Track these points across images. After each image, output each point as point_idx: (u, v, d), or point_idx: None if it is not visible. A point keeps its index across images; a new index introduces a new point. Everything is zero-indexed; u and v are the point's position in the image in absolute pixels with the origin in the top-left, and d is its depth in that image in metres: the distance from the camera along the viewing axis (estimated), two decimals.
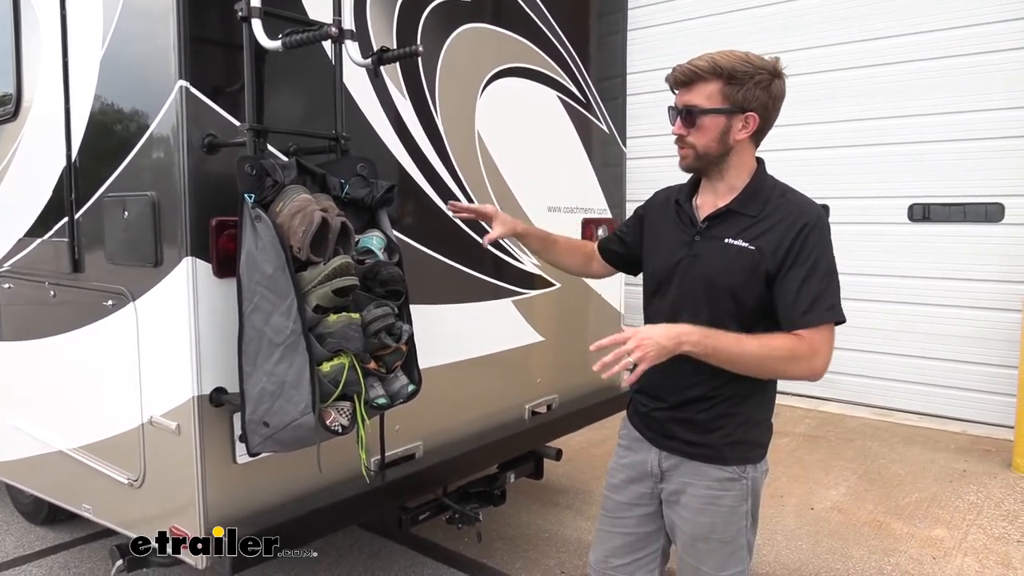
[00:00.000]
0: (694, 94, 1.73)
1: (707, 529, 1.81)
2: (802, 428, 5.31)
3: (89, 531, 3.52)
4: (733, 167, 1.78)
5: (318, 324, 2.00)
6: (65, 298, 2.61)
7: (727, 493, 1.79)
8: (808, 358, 1.65)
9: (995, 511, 3.89)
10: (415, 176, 2.74)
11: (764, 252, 1.68)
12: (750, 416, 1.80)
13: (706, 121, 1.72)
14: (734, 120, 1.72)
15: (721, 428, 1.78)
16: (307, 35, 2.04)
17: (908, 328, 5.61)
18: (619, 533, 1.97)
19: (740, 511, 1.80)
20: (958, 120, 5.33)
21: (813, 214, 1.71)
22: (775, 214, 1.72)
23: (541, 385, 3.38)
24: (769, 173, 1.82)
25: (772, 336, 1.66)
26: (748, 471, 1.80)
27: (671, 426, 1.85)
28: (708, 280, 1.74)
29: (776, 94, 1.73)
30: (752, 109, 1.71)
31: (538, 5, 3.25)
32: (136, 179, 2.24)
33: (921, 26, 5.41)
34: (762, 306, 1.71)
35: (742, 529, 1.81)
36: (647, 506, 1.93)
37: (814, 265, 1.66)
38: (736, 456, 1.79)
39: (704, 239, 1.78)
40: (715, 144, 1.74)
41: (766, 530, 3.64)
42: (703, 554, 1.83)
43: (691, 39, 6.37)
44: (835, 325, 1.68)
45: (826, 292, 1.66)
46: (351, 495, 2.43)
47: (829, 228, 1.73)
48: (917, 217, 5.55)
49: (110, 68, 2.32)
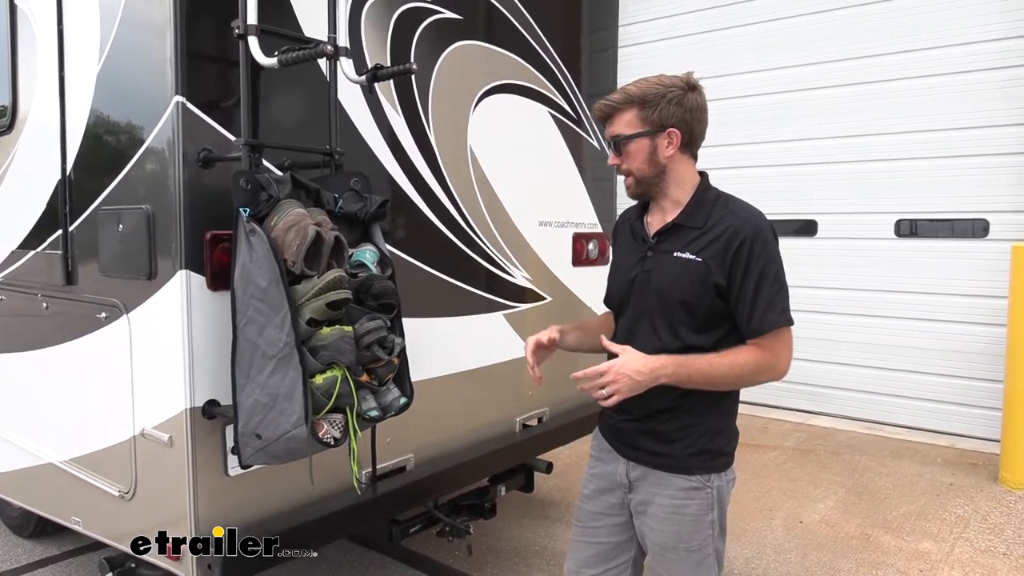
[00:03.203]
0: (616, 125, 1.84)
1: (673, 538, 1.85)
2: (791, 442, 5.34)
3: (78, 544, 3.50)
4: (674, 183, 1.86)
5: (311, 337, 2.01)
6: (58, 310, 2.62)
7: (692, 502, 1.83)
8: (773, 365, 1.76)
9: (982, 524, 3.92)
10: (408, 191, 2.76)
11: (711, 264, 1.76)
12: (712, 426, 1.85)
13: (632, 147, 1.82)
14: (658, 140, 1.81)
15: (684, 439, 1.83)
16: (303, 53, 2.06)
17: (896, 343, 5.66)
18: (591, 543, 2.00)
19: (706, 520, 1.84)
20: (945, 137, 5.41)
21: (753, 224, 1.78)
22: (719, 225, 1.79)
23: (532, 398, 3.40)
24: (713, 185, 1.90)
25: (738, 352, 1.76)
26: (713, 480, 1.84)
27: (637, 437, 1.89)
28: (660, 293, 1.82)
29: (691, 106, 1.81)
30: (672, 125, 1.80)
31: (530, 23, 3.30)
32: (131, 192, 2.26)
33: (910, 45, 5.50)
34: (714, 314, 1.78)
35: (708, 538, 1.85)
36: (618, 516, 1.96)
37: (763, 272, 1.74)
38: (700, 466, 1.83)
39: (655, 254, 1.86)
40: (647, 166, 1.83)
41: (755, 543, 3.66)
42: (671, 563, 1.87)
43: (682, 56, 6.46)
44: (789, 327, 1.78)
45: (778, 297, 1.75)
46: (342, 507, 2.43)
47: (774, 235, 1.80)
48: (904, 233, 5.62)
49: (107, 82, 2.34)
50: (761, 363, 1.75)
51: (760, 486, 4.45)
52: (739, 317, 1.77)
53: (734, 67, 6.25)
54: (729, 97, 6.22)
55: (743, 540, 3.70)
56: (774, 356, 1.76)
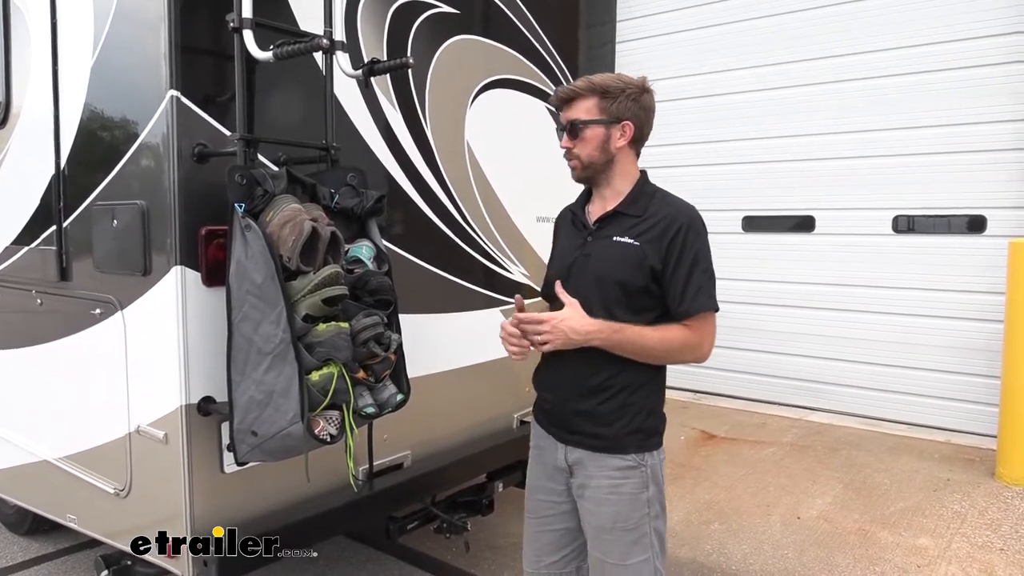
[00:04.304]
0: (575, 110, 1.93)
1: (611, 519, 1.90)
2: (789, 438, 5.34)
3: (74, 541, 3.48)
4: (617, 174, 1.96)
5: (307, 333, 2.00)
6: (52, 306, 2.60)
7: (627, 481, 1.90)
8: (698, 345, 1.87)
9: (979, 520, 3.92)
10: (405, 186, 2.75)
11: (647, 249, 1.86)
12: (645, 405, 1.93)
13: (587, 132, 1.91)
14: (612, 130, 1.91)
15: (619, 419, 1.90)
16: (298, 46, 2.05)
17: (893, 339, 5.66)
18: (545, 531, 2.07)
19: (641, 498, 1.90)
20: (943, 133, 5.39)
21: (688, 215, 1.89)
22: (656, 215, 1.90)
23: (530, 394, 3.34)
24: (651, 181, 2.00)
25: (668, 328, 1.86)
26: (647, 459, 1.92)
27: (573, 420, 1.95)
28: (598, 274, 1.90)
29: (646, 105, 1.93)
30: (627, 119, 1.90)
31: (527, 17, 3.28)
32: (125, 188, 2.24)
33: (908, 40, 5.48)
34: (647, 296, 1.87)
35: (645, 516, 1.91)
36: (564, 503, 2.02)
37: (695, 260, 1.85)
38: (635, 444, 1.91)
39: (595, 239, 1.95)
40: (598, 153, 1.92)
41: (752, 539, 3.66)
42: (608, 545, 1.92)
43: (680, 52, 6.43)
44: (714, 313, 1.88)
45: (707, 284, 1.87)
46: (339, 504, 2.43)
47: (704, 227, 1.91)
48: (902, 228, 5.61)
49: (101, 77, 2.33)
50: (688, 342, 1.85)
51: (757, 482, 4.45)
52: (670, 300, 1.86)
53: (732, 63, 6.23)
54: (726, 93, 6.20)
55: (741, 536, 3.70)
56: (700, 337, 1.86)
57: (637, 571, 1.90)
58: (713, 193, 6.15)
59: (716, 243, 1.93)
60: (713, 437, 5.33)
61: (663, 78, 6.22)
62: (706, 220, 1.93)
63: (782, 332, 6.10)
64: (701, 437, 5.32)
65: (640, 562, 1.90)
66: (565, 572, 2.08)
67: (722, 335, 2.00)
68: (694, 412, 5.95)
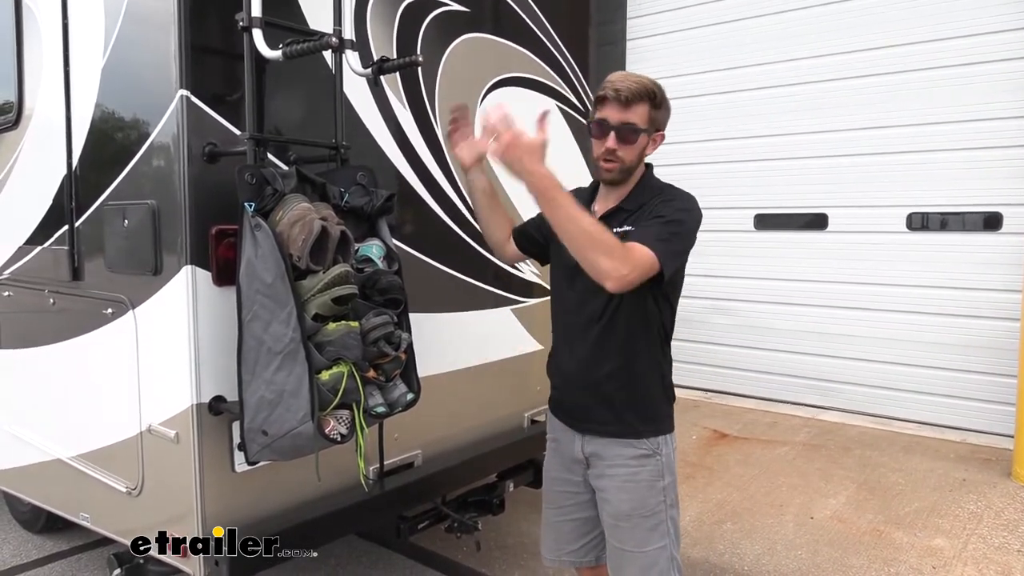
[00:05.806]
0: (632, 113, 1.86)
1: (628, 506, 1.94)
2: (801, 437, 5.30)
3: (87, 539, 3.51)
4: (635, 176, 1.98)
5: (317, 332, 2.00)
6: (64, 306, 2.62)
7: (644, 469, 1.94)
8: (622, 260, 1.69)
9: (995, 520, 3.88)
10: (415, 185, 2.75)
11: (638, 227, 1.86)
12: (657, 394, 1.97)
13: (638, 139, 1.89)
14: (651, 138, 1.92)
15: (634, 407, 1.95)
16: (308, 45, 2.05)
17: (907, 337, 5.60)
18: (565, 520, 2.13)
19: (658, 486, 1.95)
20: (957, 129, 5.33)
21: (680, 194, 1.91)
22: (652, 201, 1.91)
23: (540, 393, 3.36)
24: (654, 175, 2.02)
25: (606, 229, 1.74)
26: (662, 448, 1.96)
27: (589, 410, 1.99)
28: None
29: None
30: (661, 129, 1.94)
31: (537, 15, 3.27)
32: (136, 187, 2.25)
33: (922, 36, 5.42)
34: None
35: (662, 504, 1.95)
36: (583, 493, 2.07)
37: (660, 215, 1.83)
38: (649, 430, 1.95)
39: None
40: (636, 160, 1.93)
41: (765, 539, 3.63)
42: (625, 532, 1.96)
43: (691, 49, 6.38)
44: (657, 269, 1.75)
45: (665, 233, 1.79)
46: (349, 504, 2.42)
47: (693, 206, 1.89)
48: (916, 226, 5.55)
49: (111, 77, 2.33)
50: (615, 251, 1.69)
51: (770, 482, 4.42)
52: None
53: (745, 60, 6.18)
54: (740, 90, 6.15)
55: (754, 536, 3.68)
56: (628, 257, 1.70)
57: (654, 558, 1.94)
58: (724, 191, 6.09)
59: (727, 241, 1.93)
60: (725, 436, 5.30)
61: (673, 75, 6.18)
62: (717, 218, 1.92)
63: (794, 331, 6.05)
64: (713, 436, 5.30)
65: (657, 549, 1.94)
66: (585, 560, 2.14)
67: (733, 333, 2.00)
68: (705, 411, 5.92)
